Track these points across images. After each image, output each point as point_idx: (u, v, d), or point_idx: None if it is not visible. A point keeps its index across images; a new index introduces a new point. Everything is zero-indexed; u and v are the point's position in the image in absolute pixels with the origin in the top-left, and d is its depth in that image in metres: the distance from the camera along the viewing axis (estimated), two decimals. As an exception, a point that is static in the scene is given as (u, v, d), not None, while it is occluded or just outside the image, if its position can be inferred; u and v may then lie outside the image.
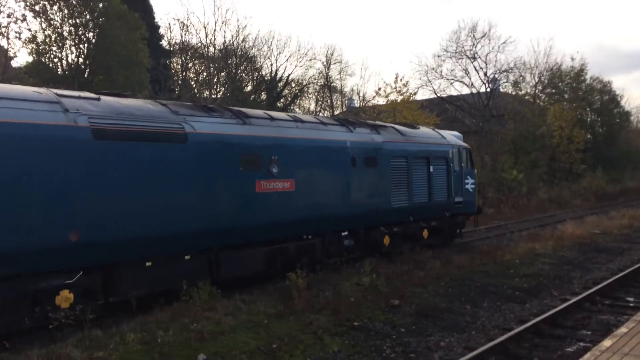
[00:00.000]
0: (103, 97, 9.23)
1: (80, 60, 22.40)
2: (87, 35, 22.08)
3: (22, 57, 49.51)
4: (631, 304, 10.54)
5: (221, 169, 10.08)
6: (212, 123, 10.29)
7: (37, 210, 7.61)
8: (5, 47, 21.89)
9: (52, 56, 21.79)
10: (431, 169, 15.60)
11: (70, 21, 21.66)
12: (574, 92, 44.54)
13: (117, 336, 7.71)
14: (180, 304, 9.15)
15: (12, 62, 23.37)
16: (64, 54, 21.96)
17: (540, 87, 44.73)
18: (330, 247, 12.75)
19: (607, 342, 6.42)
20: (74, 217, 7.96)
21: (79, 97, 8.78)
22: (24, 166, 7.52)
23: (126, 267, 8.83)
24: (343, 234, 13.08)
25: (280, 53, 47.34)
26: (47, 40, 21.44)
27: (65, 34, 21.73)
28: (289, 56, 41.91)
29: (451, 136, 17.73)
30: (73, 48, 22.07)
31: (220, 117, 10.64)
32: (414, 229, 15.17)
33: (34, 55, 21.77)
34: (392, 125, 15.99)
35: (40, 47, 21.40)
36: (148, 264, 9.05)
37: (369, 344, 8.16)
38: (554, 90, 45.00)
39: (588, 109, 46.31)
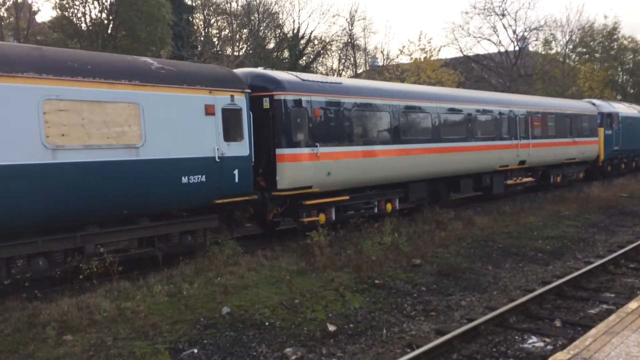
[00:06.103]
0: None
1: (104, 15, 22.27)
2: (109, -11, 21.92)
3: (46, 12, 49.49)
4: (657, 268, 10.42)
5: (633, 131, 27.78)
6: (623, 109, 27.38)
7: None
8: (30, 1, 21.87)
9: (75, 11, 21.72)
10: None
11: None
12: (606, 52, 43.02)
13: (145, 288, 7.91)
14: (204, 259, 9.33)
15: (36, 17, 23.37)
16: (87, 8, 21.86)
17: (571, 47, 43.31)
18: (634, 162, 29.31)
19: (632, 305, 6.37)
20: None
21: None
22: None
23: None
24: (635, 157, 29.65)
25: (302, 9, 46.55)
26: (70, -6, 21.36)
27: (87, -13, 21.59)
28: (312, 12, 41.20)
29: None
30: (96, 3, 21.93)
31: (623, 105, 28.31)
32: None
33: (58, 10, 21.71)
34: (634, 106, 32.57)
35: (64, 1, 21.31)
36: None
37: (390, 301, 8.23)
38: (585, 50, 43.54)
39: (619, 70, 44.81)
